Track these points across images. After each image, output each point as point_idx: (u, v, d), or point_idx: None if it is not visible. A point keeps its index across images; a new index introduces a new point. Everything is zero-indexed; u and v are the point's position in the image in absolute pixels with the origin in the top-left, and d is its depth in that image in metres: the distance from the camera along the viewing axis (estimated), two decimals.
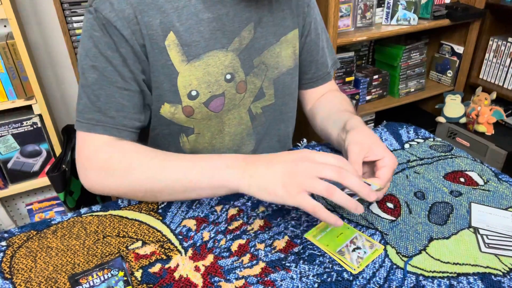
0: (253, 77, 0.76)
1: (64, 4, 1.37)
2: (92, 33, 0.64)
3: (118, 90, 0.66)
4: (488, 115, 1.93)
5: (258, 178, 0.56)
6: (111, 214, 0.67)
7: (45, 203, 1.71)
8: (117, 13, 0.63)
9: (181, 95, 0.70)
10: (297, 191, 0.53)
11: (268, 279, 0.54)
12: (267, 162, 0.57)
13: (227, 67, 0.72)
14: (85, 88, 0.66)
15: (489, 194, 0.70)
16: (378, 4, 1.80)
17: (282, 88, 0.81)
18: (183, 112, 0.72)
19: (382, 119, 2.00)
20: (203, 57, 0.69)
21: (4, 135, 1.46)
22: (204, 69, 0.70)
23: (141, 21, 0.64)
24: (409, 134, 0.89)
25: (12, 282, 0.55)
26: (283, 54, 0.79)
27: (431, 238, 0.61)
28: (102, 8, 0.63)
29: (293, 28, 0.79)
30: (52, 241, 0.62)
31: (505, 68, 2.04)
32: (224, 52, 0.71)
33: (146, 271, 0.56)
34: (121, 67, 0.65)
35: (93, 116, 0.66)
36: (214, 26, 0.69)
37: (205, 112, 0.73)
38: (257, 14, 0.73)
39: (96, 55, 0.65)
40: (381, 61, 2.08)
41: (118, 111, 0.67)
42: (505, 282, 0.53)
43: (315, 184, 0.52)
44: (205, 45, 0.69)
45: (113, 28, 0.63)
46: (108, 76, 0.65)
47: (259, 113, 0.81)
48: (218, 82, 0.72)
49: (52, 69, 1.64)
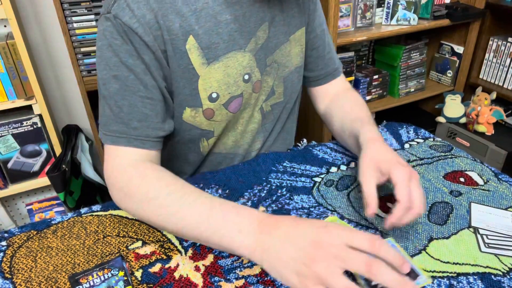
0: (266, 76, 0.77)
1: (64, 4, 1.37)
2: (112, 41, 0.62)
3: (141, 99, 0.64)
4: (488, 115, 1.93)
5: (272, 257, 0.48)
6: (111, 214, 0.67)
7: (45, 203, 1.71)
8: (139, 19, 0.61)
9: (201, 98, 0.70)
10: (313, 284, 0.44)
11: (268, 279, 0.55)
12: (285, 236, 0.48)
13: (245, 67, 0.72)
14: (107, 99, 0.64)
15: (489, 194, 0.70)
16: (378, 4, 1.80)
17: (291, 86, 0.82)
18: (204, 115, 0.72)
19: (382, 119, 2.00)
20: (222, 59, 0.69)
21: (4, 135, 1.46)
22: (223, 70, 0.69)
23: (162, 26, 0.63)
24: (409, 134, 0.89)
25: (12, 282, 0.55)
26: (292, 53, 0.80)
27: (431, 238, 0.61)
28: (122, 15, 0.61)
29: (300, 27, 0.80)
30: (52, 241, 0.62)
31: (505, 68, 2.04)
32: (242, 53, 0.71)
33: (146, 271, 0.56)
34: (144, 75, 0.64)
35: (117, 128, 0.64)
36: (232, 28, 0.68)
37: (225, 113, 0.73)
38: (270, 14, 0.73)
39: (117, 64, 0.63)
40: (381, 61, 2.08)
41: (141, 121, 0.65)
42: (505, 282, 0.53)
43: (335, 281, 0.43)
44: (224, 47, 0.68)
45: (135, 35, 0.61)
46: (130, 86, 0.63)
47: (269, 110, 0.82)
48: (236, 83, 0.72)
49: (52, 69, 1.64)
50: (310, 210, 0.67)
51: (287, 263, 0.46)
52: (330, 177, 0.75)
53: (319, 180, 0.75)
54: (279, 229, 0.49)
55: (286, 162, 0.80)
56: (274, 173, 0.76)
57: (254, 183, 0.73)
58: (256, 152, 0.85)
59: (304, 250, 0.45)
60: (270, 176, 0.75)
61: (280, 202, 0.68)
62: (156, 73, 0.65)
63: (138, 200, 0.61)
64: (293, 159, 0.81)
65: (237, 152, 0.82)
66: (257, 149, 0.85)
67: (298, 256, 0.45)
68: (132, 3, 0.61)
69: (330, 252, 0.44)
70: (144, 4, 0.61)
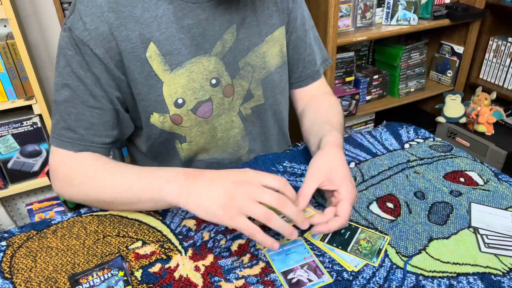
0: (240, 79, 0.75)
1: (64, 4, 1.37)
2: (66, 51, 0.65)
3: (89, 109, 0.67)
4: (488, 115, 1.93)
5: (198, 196, 0.56)
6: (111, 214, 0.67)
7: (45, 203, 1.71)
8: (90, 32, 0.63)
9: (167, 104, 0.70)
10: (236, 213, 0.53)
11: (268, 279, 0.54)
12: (209, 180, 0.57)
13: (212, 72, 0.71)
14: (58, 105, 0.68)
15: (489, 194, 0.70)
16: (378, 4, 1.80)
17: (272, 88, 0.80)
18: (172, 121, 0.72)
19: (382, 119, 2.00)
20: (186, 64, 0.69)
21: (4, 135, 1.46)
22: (188, 76, 0.69)
23: (118, 37, 0.64)
24: (409, 134, 0.89)
25: (12, 282, 0.55)
26: (269, 53, 0.77)
27: (431, 238, 0.61)
28: (76, 27, 0.63)
29: (279, 26, 0.77)
30: (52, 241, 0.62)
31: (505, 68, 2.04)
32: (207, 57, 0.70)
33: (146, 271, 0.56)
34: (93, 86, 0.66)
35: (63, 133, 0.68)
36: (194, 32, 0.68)
37: (194, 119, 0.73)
38: (239, 16, 0.71)
39: (69, 74, 0.66)
40: (381, 61, 2.08)
41: (87, 129, 0.68)
42: (505, 282, 0.53)
43: (254, 208, 0.52)
44: (187, 52, 0.68)
45: (86, 48, 0.63)
46: (80, 95, 0.66)
47: (249, 114, 0.80)
48: (203, 88, 0.71)
49: (52, 69, 1.64)
50: None
51: (213, 200, 0.54)
52: None
53: None
54: (203, 176, 0.58)
55: (286, 162, 0.80)
56: (274, 174, 0.76)
57: None
58: (246, 156, 0.84)
59: (227, 188, 0.54)
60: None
61: None
62: (107, 85, 0.67)
63: (78, 183, 0.66)
64: (293, 159, 0.81)
65: (222, 157, 0.81)
66: (246, 153, 0.84)
67: (223, 193, 0.54)
68: (85, 16, 0.63)
69: (249, 189, 0.54)
70: (98, 16, 0.63)
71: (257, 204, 0.53)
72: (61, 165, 0.69)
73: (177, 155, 0.79)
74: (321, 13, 1.57)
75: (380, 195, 0.70)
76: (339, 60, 1.86)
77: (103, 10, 0.63)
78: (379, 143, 0.86)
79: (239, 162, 0.83)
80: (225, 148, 0.80)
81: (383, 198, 0.69)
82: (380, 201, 0.68)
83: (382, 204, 0.68)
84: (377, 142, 0.87)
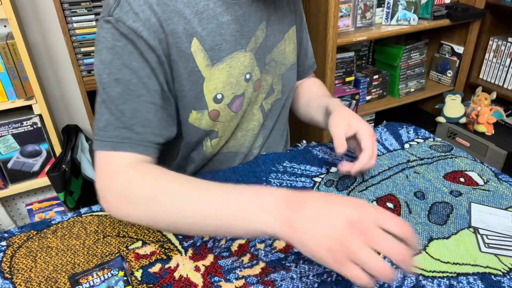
0: (265, 74, 0.78)
1: (64, 4, 1.37)
2: (114, 44, 0.60)
3: (144, 104, 0.62)
4: (488, 115, 1.93)
5: (302, 235, 0.46)
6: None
7: (45, 203, 1.71)
8: (143, 22, 0.60)
9: (207, 100, 0.70)
10: (345, 260, 0.44)
11: (268, 279, 0.55)
12: (316, 215, 0.47)
13: (246, 67, 0.72)
14: (107, 104, 0.61)
15: (489, 194, 0.70)
16: (378, 4, 1.80)
17: (288, 83, 0.84)
18: (210, 117, 0.72)
19: (382, 119, 2.00)
20: (226, 60, 0.69)
21: (4, 135, 1.46)
22: (227, 71, 0.70)
23: (166, 29, 0.62)
24: (409, 134, 0.89)
25: (12, 282, 0.55)
26: (287, 50, 0.81)
27: (431, 238, 0.61)
28: (126, 18, 0.59)
29: (292, 25, 0.82)
30: (52, 241, 0.62)
31: (505, 68, 2.04)
32: (243, 52, 0.71)
33: (146, 271, 0.56)
34: (147, 79, 0.62)
35: (118, 133, 0.60)
36: (233, 28, 0.68)
37: (228, 113, 0.74)
38: (267, 13, 0.74)
39: (120, 67, 0.60)
40: (381, 61, 2.08)
41: (145, 126, 0.62)
42: (505, 282, 0.53)
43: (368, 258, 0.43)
44: (227, 48, 0.68)
45: (140, 38, 0.60)
46: (133, 89, 0.61)
47: (269, 109, 0.83)
48: (239, 82, 0.72)
49: (52, 69, 1.64)
50: None
51: (319, 241, 0.45)
52: (330, 177, 0.75)
53: (319, 180, 0.75)
54: (308, 207, 0.48)
55: (286, 162, 0.80)
56: (274, 173, 0.76)
57: (254, 183, 0.73)
58: (258, 150, 0.85)
59: (337, 228, 0.45)
60: (270, 176, 0.75)
61: None
62: (161, 77, 0.63)
63: (142, 201, 0.56)
64: (293, 159, 0.81)
65: (239, 150, 0.82)
66: (258, 147, 0.85)
67: (331, 234, 0.45)
68: (135, 6, 0.60)
69: (363, 231, 0.44)
70: (147, 7, 0.60)
71: (371, 252, 0.43)
72: (119, 175, 0.59)
73: (201, 155, 0.79)
74: (321, 13, 1.57)
75: (380, 195, 0.70)
76: (339, 60, 1.86)
77: (151, 2, 0.61)
78: (379, 143, 0.86)
79: (251, 156, 0.85)
80: (242, 141, 0.82)
81: (383, 198, 0.69)
82: (380, 201, 0.68)
83: (382, 204, 0.68)
84: (377, 142, 0.87)
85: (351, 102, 1.87)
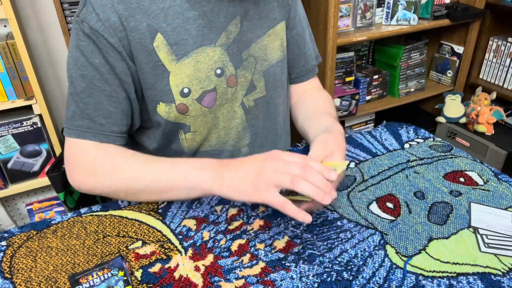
0: (243, 70, 0.77)
1: (64, 4, 1.37)
2: (79, 43, 0.66)
3: (106, 98, 0.68)
4: (488, 115, 1.93)
5: (229, 179, 0.59)
6: (111, 214, 0.67)
7: (45, 203, 1.71)
8: (103, 22, 0.64)
9: (174, 94, 0.71)
10: (265, 187, 0.55)
11: (268, 279, 0.55)
12: (239, 163, 0.60)
13: (216, 62, 0.73)
14: (74, 96, 0.68)
15: (489, 194, 0.70)
16: (378, 4, 1.80)
17: (273, 80, 0.82)
18: (177, 110, 0.73)
19: (382, 119, 2.00)
20: (192, 54, 0.70)
21: (4, 135, 1.46)
22: (194, 65, 0.71)
23: (127, 27, 0.66)
24: (409, 134, 0.89)
25: (12, 282, 0.55)
26: (271, 46, 0.80)
27: (430, 238, 0.61)
28: (89, 19, 0.65)
29: (280, 21, 0.81)
30: (52, 241, 0.62)
31: (505, 68, 2.04)
32: (212, 47, 0.72)
33: (146, 270, 0.56)
34: (109, 75, 0.67)
35: (82, 123, 0.68)
36: (200, 23, 0.70)
37: (199, 108, 0.74)
38: (242, 8, 0.74)
39: (85, 64, 0.67)
40: (381, 61, 2.08)
41: (106, 118, 0.69)
42: (504, 282, 0.53)
43: (281, 177, 0.55)
44: (193, 42, 0.70)
45: (101, 38, 0.65)
46: (97, 84, 0.67)
47: (252, 106, 0.82)
48: (208, 77, 0.73)
49: (52, 69, 1.64)
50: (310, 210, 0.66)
51: (242, 178, 0.58)
52: None
53: None
54: (234, 161, 0.61)
55: None
56: None
57: None
58: (247, 149, 0.84)
59: (254, 165, 0.58)
60: None
61: None
62: (122, 73, 0.68)
63: (104, 174, 0.66)
64: None
65: (223, 148, 0.82)
66: (246, 146, 0.84)
67: (251, 171, 0.58)
68: (97, 8, 0.65)
69: (274, 163, 0.57)
70: (109, 8, 0.65)
71: (283, 174, 0.55)
72: (83, 155, 0.68)
73: (181, 147, 0.80)
74: (321, 13, 1.57)
75: (380, 195, 0.70)
76: (339, 60, 1.86)
77: (113, 2, 0.65)
78: (379, 143, 0.86)
79: (240, 155, 0.84)
80: (226, 139, 0.81)
81: (383, 198, 0.69)
82: (380, 201, 0.68)
83: (382, 204, 0.68)
84: (377, 142, 0.87)
85: (351, 102, 1.87)
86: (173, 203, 0.69)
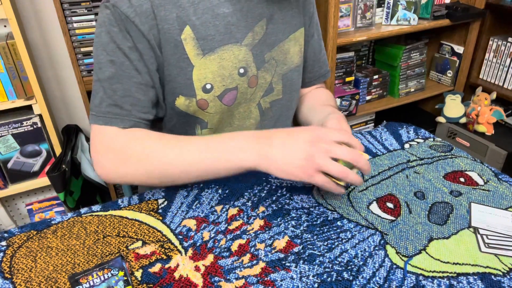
0: (264, 72, 0.78)
1: (64, 4, 1.37)
2: (110, 28, 0.65)
3: (135, 85, 0.68)
4: (488, 115, 1.93)
5: (276, 162, 0.60)
6: (111, 214, 0.67)
7: (45, 203, 1.71)
8: (135, 8, 0.64)
9: (195, 88, 0.72)
10: (314, 171, 0.58)
11: (268, 279, 0.55)
12: (282, 143, 0.60)
13: (241, 61, 0.73)
14: (102, 82, 0.67)
15: (489, 194, 0.70)
16: (378, 4, 1.80)
17: (290, 84, 0.83)
18: (198, 105, 0.73)
19: (382, 119, 2.00)
20: (218, 51, 0.70)
21: (4, 135, 1.46)
22: (218, 62, 0.71)
23: (157, 16, 0.65)
24: (409, 134, 0.89)
25: (12, 282, 0.55)
26: (291, 51, 0.81)
27: (431, 238, 0.61)
28: (121, 4, 0.64)
29: (300, 27, 0.82)
30: (52, 241, 0.62)
31: (505, 68, 2.04)
32: (238, 46, 0.72)
33: (146, 271, 0.56)
34: (138, 62, 0.67)
35: (110, 110, 0.67)
36: (229, 21, 0.70)
37: (219, 105, 0.75)
38: (269, 11, 0.75)
39: (114, 50, 0.66)
40: (381, 61, 2.08)
41: (134, 105, 0.68)
42: (505, 282, 0.53)
43: (331, 166, 0.57)
44: (220, 39, 0.70)
45: (131, 24, 0.65)
46: (126, 71, 0.67)
47: (268, 108, 0.83)
48: (231, 75, 0.73)
49: (52, 69, 1.64)
50: (310, 210, 0.67)
51: (291, 163, 0.58)
52: None
53: None
54: (275, 139, 0.61)
55: None
56: None
57: (254, 183, 0.73)
58: None
59: (302, 149, 0.58)
60: (270, 176, 0.75)
61: (280, 202, 0.68)
62: (149, 61, 0.68)
63: (137, 160, 0.65)
64: None
65: None
66: None
67: (299, 155, 0.58)
68: None
69: (323, 147, 0.58)
70: None
71: (333, 161, 0.58)
72: (114, 141, 0.67)
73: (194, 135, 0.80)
74: (321, 13, 1.57)
75: (380, 195, 0.70)
76: (339, 60, 1.86)
77: None
78: (379, 143, 0.86)
79: None
80: None
81: (383, 198, 0.69)
82: (380, 201, 0.68)
83: (382, 204, 0.68)
84: (377, 142, 0.87)
85: (351, 102, 1.87)
86: (173, 203, 0.69)
